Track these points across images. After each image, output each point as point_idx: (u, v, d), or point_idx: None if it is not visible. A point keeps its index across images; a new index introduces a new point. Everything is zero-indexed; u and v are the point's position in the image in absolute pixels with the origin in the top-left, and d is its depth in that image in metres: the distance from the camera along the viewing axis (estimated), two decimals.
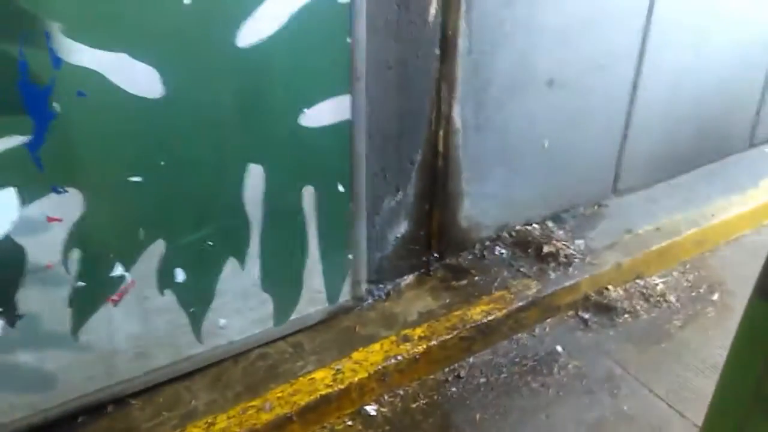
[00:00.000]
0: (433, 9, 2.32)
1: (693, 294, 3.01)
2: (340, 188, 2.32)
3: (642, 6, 3.01)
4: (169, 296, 2.12)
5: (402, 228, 2.68)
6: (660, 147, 3.54)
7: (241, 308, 2.30)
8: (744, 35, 3.54)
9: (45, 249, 1.82)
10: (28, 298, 1.85)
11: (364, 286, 2.60)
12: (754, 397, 1.19)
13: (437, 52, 2.42)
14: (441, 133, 2.59)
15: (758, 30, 3.61)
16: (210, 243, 2.11)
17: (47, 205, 1.77)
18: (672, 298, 2.96)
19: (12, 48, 1.57)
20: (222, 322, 2.27)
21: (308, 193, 2.26)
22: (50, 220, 1.79)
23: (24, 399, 1.97)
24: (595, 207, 3.39)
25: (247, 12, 1.87)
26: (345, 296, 2.56)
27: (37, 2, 1.57)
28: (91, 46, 1.67)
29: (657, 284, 3.04)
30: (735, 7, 3.39)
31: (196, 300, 2.19)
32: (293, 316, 2.45)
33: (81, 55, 1.66)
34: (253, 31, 1.90)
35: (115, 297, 2.01)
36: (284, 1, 1.92)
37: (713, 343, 2.69)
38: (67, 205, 1.80)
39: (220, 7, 1.82)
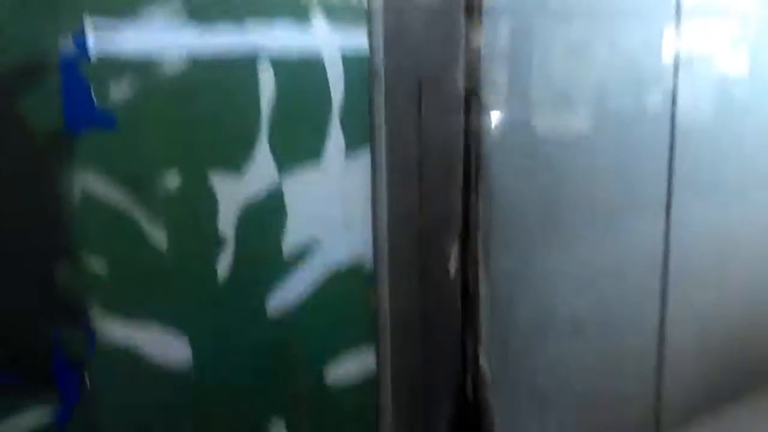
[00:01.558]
0: (453, 264, 2.43)
1: None
2: None
3: (657, 255, 3.13)
4: None
5: None
6: (696, 382, 3.42)
7: None
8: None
9: None
10: None
11: None
12: None
13: (460, 303, 2.49)
14: (469, 380, 2.55)
15: None
16: None
17: None
18: None
19: (50, 327, 1.65)
20: None
21: None
22: None
23: None
24: None
25: (278, 283, 1.98)
26: None
27: (77, 285, 1.68)
28: (125, 320, 1.74)
29: None
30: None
31: None
32: None
33: (115, 329, 1.73)
34: (283, 300, 2.00)
35: None
36: (312, 270, 2.05)
37: None
38: None
39: (253, 280, 1.95)
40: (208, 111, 1.82)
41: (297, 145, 2.00)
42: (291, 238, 1.99)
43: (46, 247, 1.62)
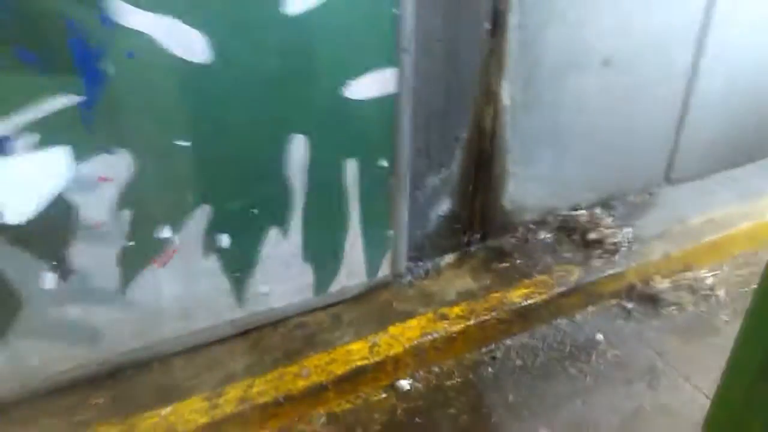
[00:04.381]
0: None
1: (743, 290, 2.90)
2: (383, 163, 2.33)
3: None
4: (214, 260, 2.17)
5: (444, 206, 2.67)
6: (717, 136, 3.41)
7: (282, 276, 2.34)
8: None
9: (96, 207, 1.89)
10: (80, 255, 1.92)
11: (403, 263, 2.61)
12: (762, 367, 1.22)
13: (487, 26, 2.38)
14: (488, 110, 2.56)
15: None
16: (254, 210, 2.15)
17: (98, 164, 1.83)
18: (721, 293, 2.86)
19: (63, 7, 1.62)
20: (264, 288, 2.32)
21: (351, 166, 2.27)
22: (101, 179, 1.85)
23: (74, 351, 2.06)
24: (646, 195, 3.30)
25: None
26: (384, 272, 2.57)
27: None
28: (141, 8, 1.71)
29: (706, 277, 2.95)
30: None
31: (239, 266, 2.24)
32: (333, 288, 2.49)
33: (131, 16, 1.70)
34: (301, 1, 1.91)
35: (161, 258, 2.07)
36: None
37: None
38: (117, 166, 1.86)
39: None
40: None
41: None
42: None
43: None
